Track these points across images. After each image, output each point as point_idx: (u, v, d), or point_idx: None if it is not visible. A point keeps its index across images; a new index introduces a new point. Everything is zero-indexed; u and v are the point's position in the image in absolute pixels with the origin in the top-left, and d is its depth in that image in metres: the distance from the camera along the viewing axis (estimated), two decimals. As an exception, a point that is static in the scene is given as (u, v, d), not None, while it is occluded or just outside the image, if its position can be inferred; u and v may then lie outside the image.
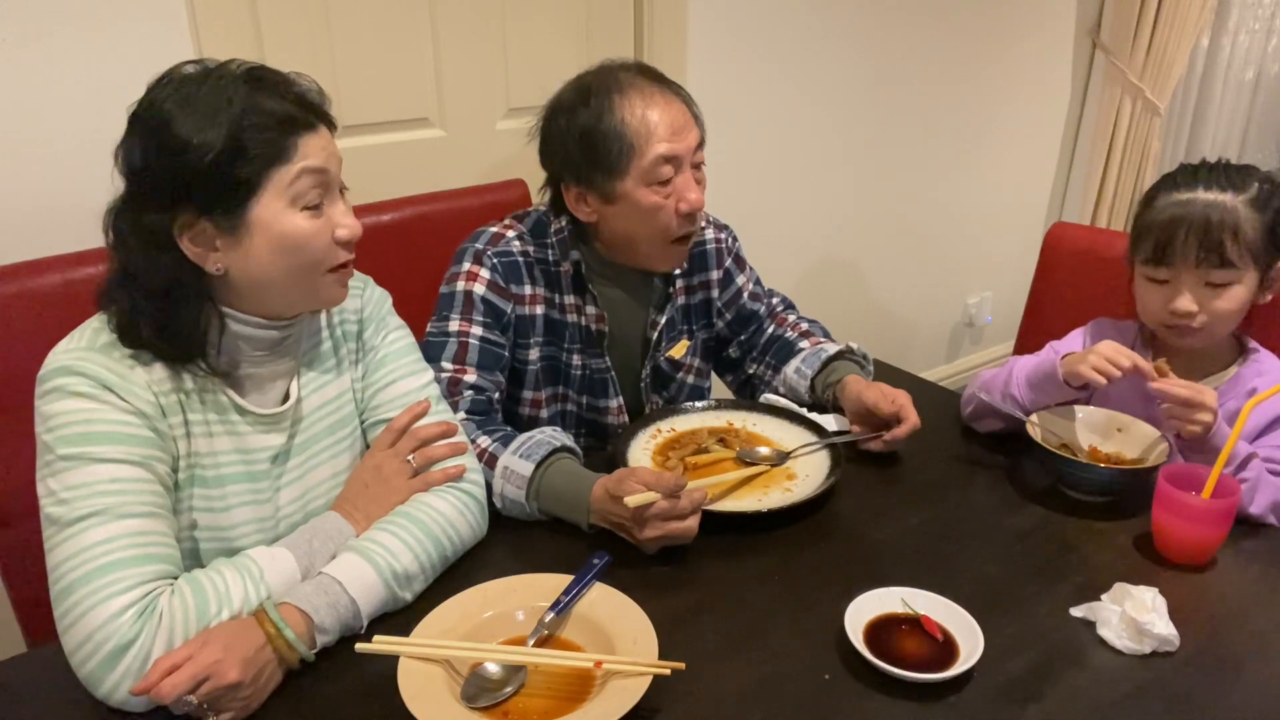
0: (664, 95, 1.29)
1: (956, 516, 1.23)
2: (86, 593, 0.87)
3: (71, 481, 0.91)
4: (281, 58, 1.68)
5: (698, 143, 1.31)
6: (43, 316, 1.26)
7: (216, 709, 0.86)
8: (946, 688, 0.91)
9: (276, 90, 0.96)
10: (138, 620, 0.87)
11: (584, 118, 1.28)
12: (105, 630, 0.86)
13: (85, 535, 0.89)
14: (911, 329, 3.12)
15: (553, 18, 1.99)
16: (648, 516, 1.07)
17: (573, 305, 1.39)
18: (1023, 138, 3.11)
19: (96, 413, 0.93)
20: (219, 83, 0.93)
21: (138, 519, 0.91)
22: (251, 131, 0.92)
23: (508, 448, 1.21)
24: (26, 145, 1.47)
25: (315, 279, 1.01)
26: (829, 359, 1.46)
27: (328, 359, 1.13)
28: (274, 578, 0.96)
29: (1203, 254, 1.22)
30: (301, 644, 0.92)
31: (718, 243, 1.53)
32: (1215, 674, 0.94)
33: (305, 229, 0.97)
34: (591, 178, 1.30)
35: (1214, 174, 1.26)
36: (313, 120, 0.98)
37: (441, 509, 1.08)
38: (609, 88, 1.28)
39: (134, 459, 0.93)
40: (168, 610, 0.89)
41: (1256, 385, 1.27)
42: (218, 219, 0.94)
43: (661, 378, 1.51)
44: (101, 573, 0.88)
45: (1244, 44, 3.42)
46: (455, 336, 1.31)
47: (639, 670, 0.89)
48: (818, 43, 2.44)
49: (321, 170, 0.98)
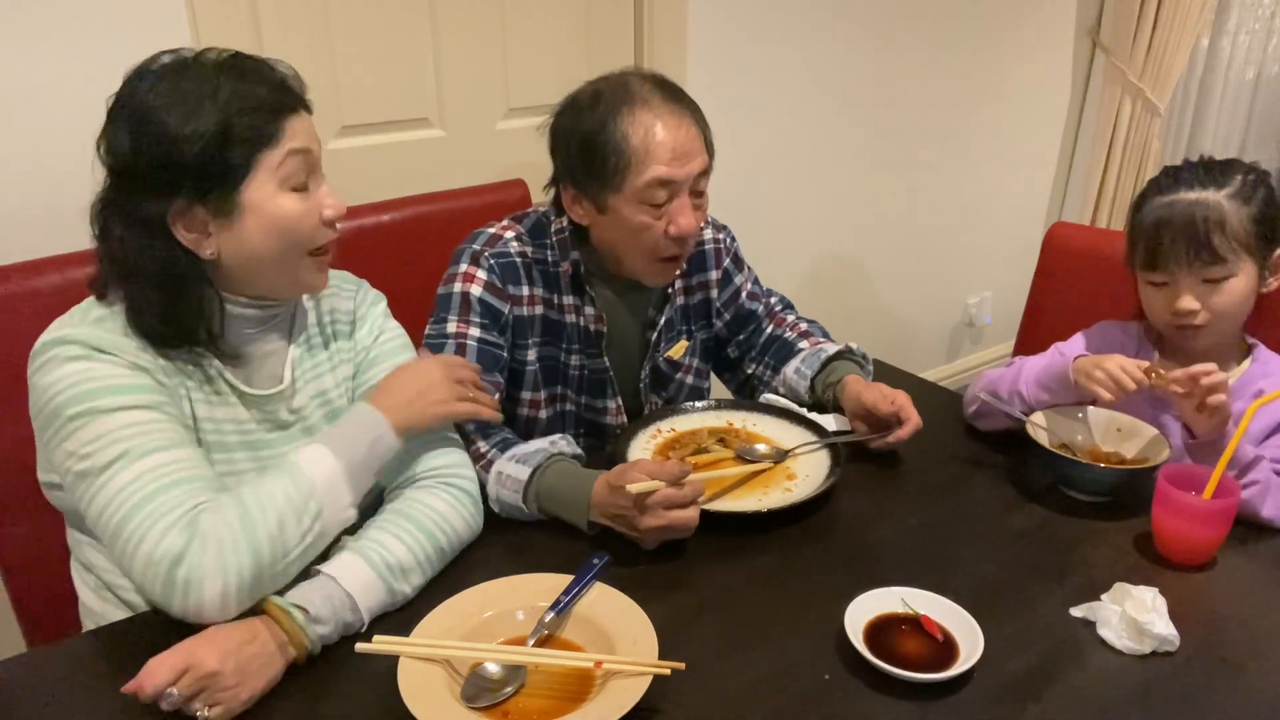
0: (676, 117, 1.26)
1: (956, 516, 1.23)
2: (132, 529, 0.90)
3: (87, 437, 0.92)
4: (281, 56, 1.66)
5: (701, 170, 1.28)
6: (43, 316, 1.26)
7: (206, 702, 0.85)
8: (946, 688, 0.91)
9: (258, 75, 0.98)
10: (183, 535, 0.89)
11: (588, 123, 1.26)
12: (157, 554, 0.89)
13: (117, 479, 0.91)
14: (911, 329, 3.12)
15: (553, 18, 1.99)
16: (650, 504, 1.07)
17: (571, 306, 1.39)
18: (1023, 138, 3.11)
19: (94, 371, 0.94)
20: (201, 71, 0.96)
21: (160, 452, 0.93)
22: (239, 116, 0.94)
23: (505, 454, 1.21)
24: (26, 145, 1.47)
25: (299, 261, 1.04)
26: (828, 359, 1.46)
27: (319, 352, 1.15)
28: (313, 471, 0.97)
29: (1192, 253, 1.23)
30: (309, 624, 0.92)
31: (716, 243, 1.53)
32: (1215, 674, 0.94)
33: (296, 209, 1.00)
34: (586, 184, 1.29)
35: (1195, 173, 1.26)
36: (294, 103, 1.01)
37: (433, 504, 1.09)
38: (620, 98, 1.25)
39: (142, 404, 0.95)
40: (211, 521, 0.91)
41: (1263, 386, 1.27)
42: (211, 204, 0.96)
43: (660, 378, 1.51)
44: (139, 508, 0.90)
45: (1244, 44, 3.43)
46: (453, 338, 1.31)
47: (639, 670, 0.89)
48: (817, 44, 2.44)
49: (306, 150, 1.01)
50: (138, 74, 0.96)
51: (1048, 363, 1.34)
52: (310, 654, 0.94)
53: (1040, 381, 1.32)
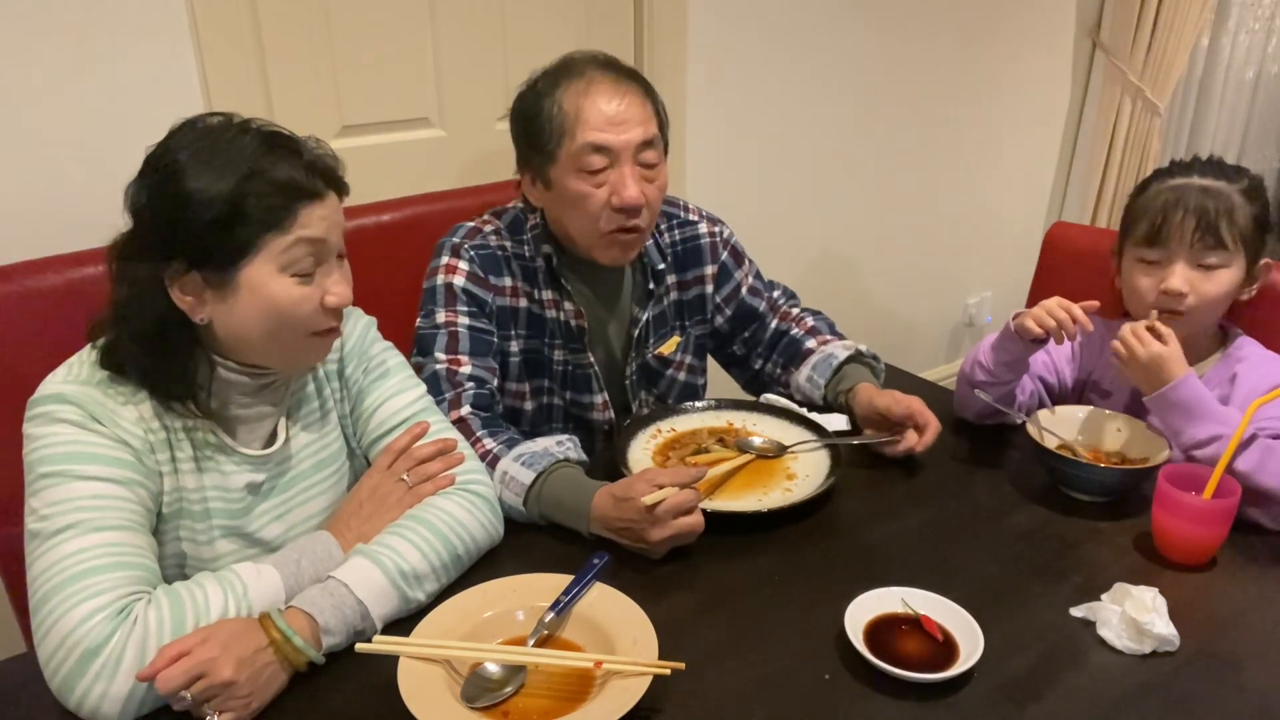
0: (614, 86, 1.27)
1: (956, 516, 1.23)
2: (59, 600, 0.87)
3: (52, 498, 0.91)
4: (282, 57, 1.68)
5: (643, 140, 1.27)
6: (43, 316, 1.26)
7: (217, 709, 0.85)
8: (946, 688, 0.91)
9: (288, 155, 0.96)
10: (110, 623, 0.87)
11: (528, 99, 1.30)
12: (76, 634, 0.86)
13: (61, 547, 0.89)
14: (911, 329, 3.11)
15: (552, 18, 1.99)
16: (659, 514, 1.07)
17: (551, 300, 1.39)
18: (1023, 138, 3.11)
19: (82, 437, 0.94)
20: (233, 139, 0.94)
21: (114, 531, 0.92)
22: (254, 196, 0.92)
23: (511, 452, 1.21)
24: (26, 145, 1.47)
25: (296, 341, 1.01)
26: (840, 364, 1.45)
27: (312, 400, 1.14)
28: (257, 594, 0.95)
29: (1199, 233, 1.26)
30: (310, 647, 0.91)
31: (711, 236, 1.51)
32: (1215, 674, 0.94)
33: (292, 296, 0.97)
34: (532, 160, 1.31)
35: (1208, 165, 1.31)
36: (320, 188, 0.97)
37: (449, 509, 1.08)
38: (559, 72, 1.29)
39: (116, 479, 0.94)
40: (142, 617, 0.88)
41: (1237, 371, 1.30)
42: (208, 274, 0.94)
43: (650, 375, 1.51)
44: (74, 580, 0.88)
45: (1244, 44, 3.42)
46: (444, 328, 1.31)
47: (639, 670, 0.89)
48: (817, 43, 2.44)
49: (319, 240, 0.97)
50: (179, 129, 0.96)
51: (1001, 330, 1.36)
52: (313, 664, 0.93)
53: (993, 345, 1.35)
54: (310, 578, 0.99)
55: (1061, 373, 1.47)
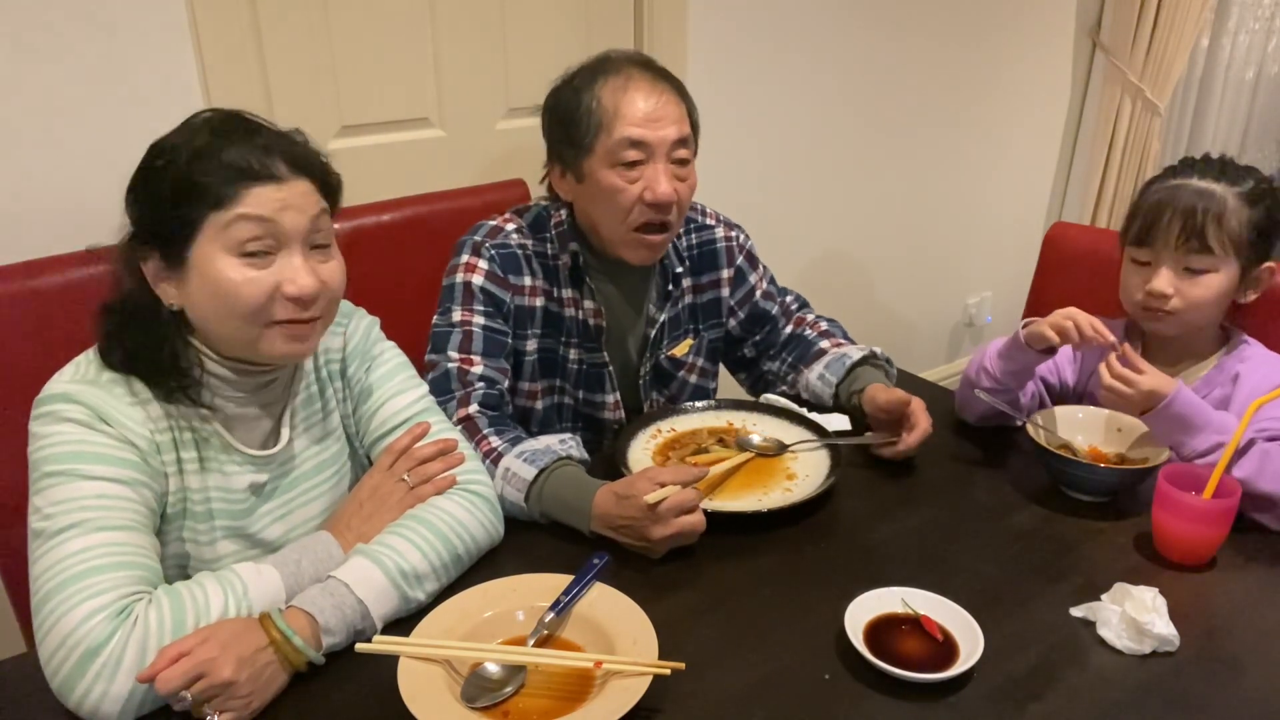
0: (651, 84, 1.30)
1: (956, 516, 1.23)
2: (61, 599, 0.87)
3: (56, 497, 0.91)
4: (282, 57, 1.68)
5: (678, 138, 1.30)
6: (43, 317, 1.26)
7: (217, 708, 0.85)
8: (946, 688, 0.91)
9: (243, 136, 0.96)
10: (110, 623, 0.87)
11: (566, 93, 1.32)
12: (77, 634, 0.86)
13: (63, 546, 0.89)
14: (911, 329, 3.11)
15: (553, 18, 1.99)
16: (661, 512, 1.07)
17: (571, 299, 1.39)
18: (1023, 138, 3.11)
19: (88, 437, 0.94)
20: (200, 125, 0.97)
21: (117, 531, 0.92)
22: (201, 174, 0.93)
23: (514, 449, 1.21)
24: (26, 146, 1.47)
25: (253, 330, 0.98)
26: (853, 365, 1.45)
27: (315, 402, 1.14)
28: (257, 594, 0.95)
29: (1183, 237, 1.25)
30: (309, 648, 0.91)
31: (728, 240, 1.52)
32: (1215, 674, 0.94)
33: (234, 277, 0.94)
34: (565, 154, 1.33)
35: (1210, 165, 1.30)
36: (277, 171, 0.96)
37: (449, 509, 1.08)
38: (597, 68, 1.31)
39: (121, 479, 0.94)
40: (143, 617, 0.88)
41: (1239, 372, 1.29)
42: (167, 254, 0.96)
43: (662, 376, 1.51)
44: (76, 579, 0.88)
45: (1244, 44, 3.42)
46: (459, 326, 1.32)
47: (639, 670, 0.89)
48: (818, 45, 2.44)
49: (265, 220, 0.94)
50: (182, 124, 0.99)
51: (1009, 337, 1.36)
52: (313, 664, 0.93)
53: (1000, 352, 1.35)
54: (310, 577, 0.99)
55: (1063, 374, 1.47)
